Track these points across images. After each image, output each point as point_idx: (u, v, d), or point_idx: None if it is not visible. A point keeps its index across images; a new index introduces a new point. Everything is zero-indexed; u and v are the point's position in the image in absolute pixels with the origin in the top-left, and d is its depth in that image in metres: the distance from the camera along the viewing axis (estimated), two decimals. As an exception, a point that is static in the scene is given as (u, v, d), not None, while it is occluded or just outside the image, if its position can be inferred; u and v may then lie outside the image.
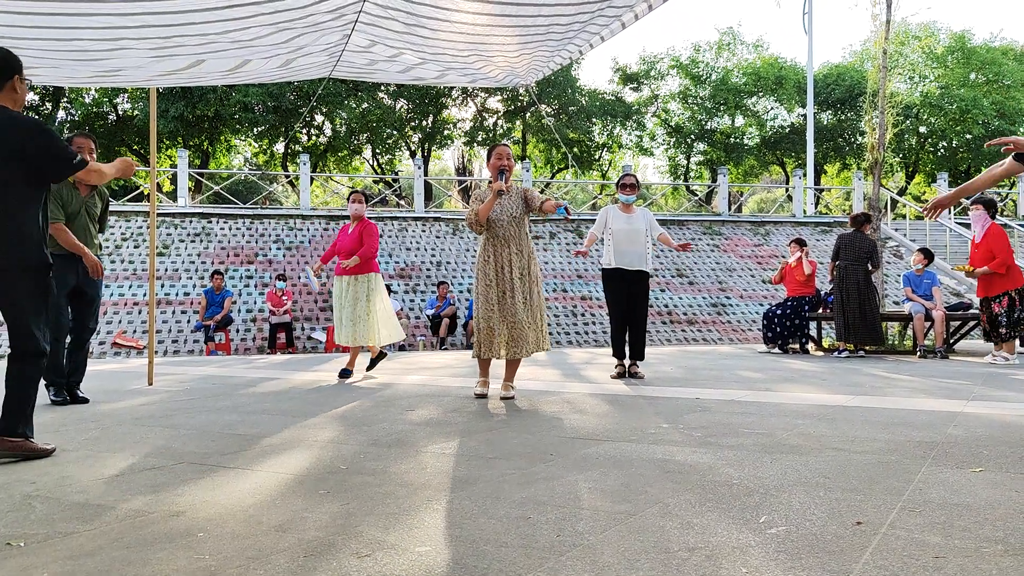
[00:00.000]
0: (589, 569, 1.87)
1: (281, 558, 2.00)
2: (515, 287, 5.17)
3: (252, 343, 14.94)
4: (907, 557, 1.91)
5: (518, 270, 5.21)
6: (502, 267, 5.19)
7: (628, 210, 6.81)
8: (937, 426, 3.88)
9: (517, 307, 5.15)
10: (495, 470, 2.99)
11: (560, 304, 17.64)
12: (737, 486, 2.67)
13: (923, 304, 9.45)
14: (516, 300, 5.16)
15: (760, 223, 22.73)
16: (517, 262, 5.22)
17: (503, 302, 5.18)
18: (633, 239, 6.67)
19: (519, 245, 5.25)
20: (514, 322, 5.15)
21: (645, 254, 6.70)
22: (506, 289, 5.18)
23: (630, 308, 6.73)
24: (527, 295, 5.22)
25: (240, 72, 6.11)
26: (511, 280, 5.18)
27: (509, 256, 5.21)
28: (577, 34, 5.56)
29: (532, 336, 5.22)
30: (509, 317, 5.16)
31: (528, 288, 5.23)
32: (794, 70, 31.98)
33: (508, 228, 5.23)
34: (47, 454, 3.48)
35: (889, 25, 11.94)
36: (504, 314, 5.17)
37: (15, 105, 3.55)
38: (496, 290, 5.18)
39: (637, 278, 6.70)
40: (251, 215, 19.12)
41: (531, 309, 5.22)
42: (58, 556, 2.05)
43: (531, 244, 5.36)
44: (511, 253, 5.21)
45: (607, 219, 6.80)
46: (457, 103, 30.68)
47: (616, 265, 6.69)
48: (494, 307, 5.17)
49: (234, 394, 5.82)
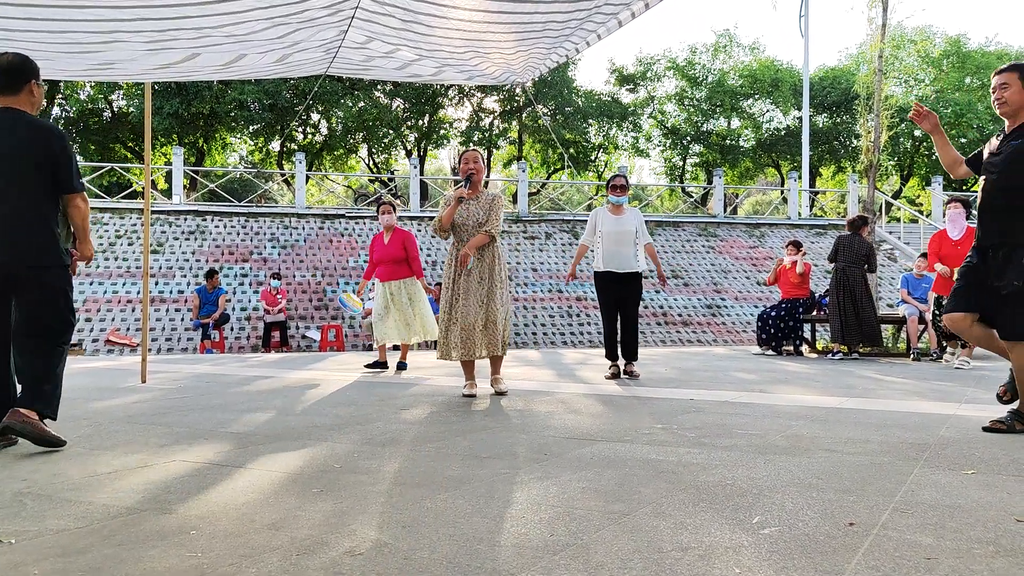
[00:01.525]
0: (582, 568, 1.87)
1: (273, 556, 1.99)
2: (470, 290, 5.22)
3: (246, 341, 14.91)
4: (899, 558, 1.92)
5: (477, 273, 5.26)
6: (461, 270, 5.27)
7: (618, 211, 6.78)
8: (930, 428, 3.89)
9: (469, 311, 5.20)
10: (489, 469, 2.98)
11: (555, 304, 17.64)
12: (730, 487, 2.67)
13: (917, 307, 9.48)
14: (470, 303, 5.21)
15: (755, 225, 22.77)
16: (476, 266, 5.27)
17: (455, 305, 5.25)
18: (622, 240, 6.64)
19: (481, 250, 5.29)
20: (464, 325, 5.20)
21: (635, 255, 6.67)
22: (461, 292, 5.23)
23: (622, 309, 6.73)
24: (483, 299, 5.24)
25: (235, 67, 6.09)
26: (467, 283, 5.24)
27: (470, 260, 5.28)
28: (574, 31, 5.56)
29: (484, 339, 5.24)
30: (460, 319, 5.21)
31: (488, 291, 5.25)
32: (790, 72, 32.06)
33: (472, 233, 5.29)
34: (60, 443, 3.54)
35: (885, 28, 11.97)
36: (461, 316, 5.21)
37: (32, 108, 3.65)
38: (453, 292, 5.28)
39: (628, 279, 6.68)
40: (246, 213, 19.08)
41: (485, 313, 5.24)
42: (49, 553, 2.04)
43: (497, 248, 5.37)
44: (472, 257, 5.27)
45: (596, 222, 6.79)
46: (453, 103, 30.67)
47: (606, 268, 6.67)
48: (456, 309, 5.25)
49: (227, 392, 5.81)
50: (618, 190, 6.79)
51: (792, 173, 24.90)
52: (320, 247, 18.30)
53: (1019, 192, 3.75)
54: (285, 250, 17.96)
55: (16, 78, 3.58)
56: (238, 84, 24.50)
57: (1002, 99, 3.84)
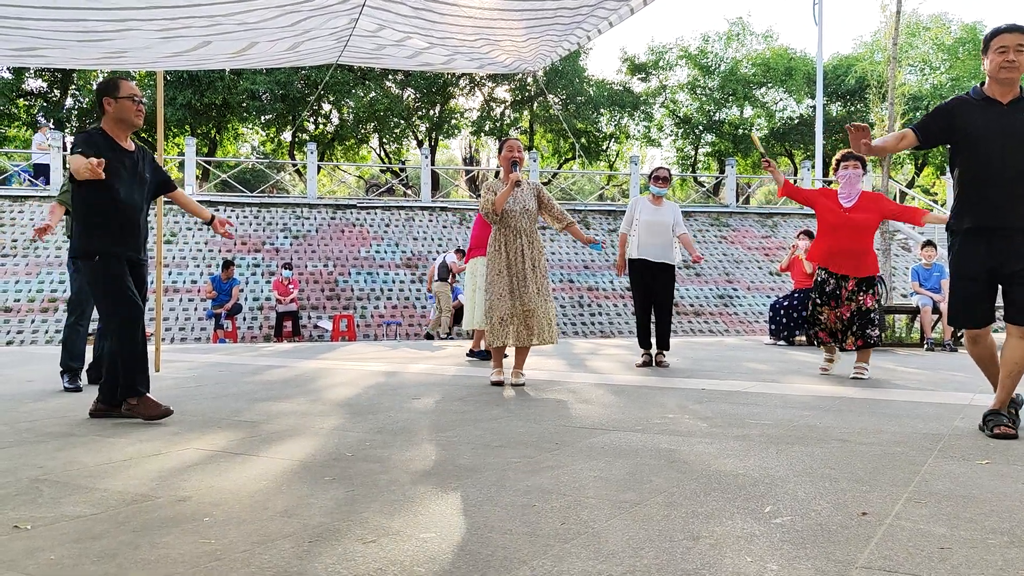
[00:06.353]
0: (594, 556, 1.87)
1: (286, 543, 2.00)
2: (527, 277, 5.28)
3: (259, 331, 14.98)
4: (912, 548, 1.91)
5: (530, 261, 5.33)
6: (515, 257, 5.30)
7: (658, 202, 6.90)
8: (944, 418, 3.86)
9: (531, 296, 5.26)
10: (500, 458, 2.99)
11: (567, 295, 17.62)
12: (742, 476, 2.66)
13: (931, 297, 9.41)
14: (529, 289, 5.27)
15: (768, 215, 22.63)
16: (529, 253, 5.34)
17: (515, 291, 5.27)
18: (658, 231, 6.75)
19: (531, 237, 5.39)
20: (530, 311, 5.26)
21: (670, 247, 6.77)
22: (518, 279, 5.28)
23: (654, 298, 6.81)
24: (540, 285, 5.34)
25: (246, 55, 6.08)
26: (523, 270, 5.29)
27: (521, 247, 5.32)
28: (585, 19, 5.52)
29: (546, 325, 5.33)
30: (524, 306, 5.26)
31: (540, 279, 5.35)
32: (804, 61, 31.79)
33: (520, 220, 5.36)
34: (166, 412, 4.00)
35: (899, 16, 11.84)
36: (517, 303, 5.26)
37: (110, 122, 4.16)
38: (507, 279, 5.28)
39: (661, 269, 6.77)
40: (258, 203, 19.14)
41: (544, 300, 5.34)
42: (65, 539, 2.06)
43: (540, 238, 5.48)
44: (523, 244, 5.34)
45: (635, 211, 6.91)
46: (464, 92, 30.59)
47: (640, 256, 6.79)
48: (505, 296, 5.26)
49: (240, 381, 5.84)
50: (660, 181, 6.91)
51: (805, 162, 24.73)
52: (332, 237, 18.34)
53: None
54: (297, 240, 18.01)
55: (97, 100, 4.21)
56: (250, 74, 24.52)
57: (1015, 64, 3.31)
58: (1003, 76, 3.35)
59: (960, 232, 3.50)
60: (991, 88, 3.45)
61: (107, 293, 4.06)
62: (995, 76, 3.39)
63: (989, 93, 3.45)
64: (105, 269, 4.05)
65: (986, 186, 3.39)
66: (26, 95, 26.80)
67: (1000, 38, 3.36)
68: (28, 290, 14.99)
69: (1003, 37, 3.35)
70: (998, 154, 3.35)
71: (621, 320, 16.99)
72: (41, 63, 5.64)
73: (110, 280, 4.06)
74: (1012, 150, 3.34)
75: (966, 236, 3.46)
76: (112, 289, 4.06)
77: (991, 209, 3.37)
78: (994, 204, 3.37)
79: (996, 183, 3.37)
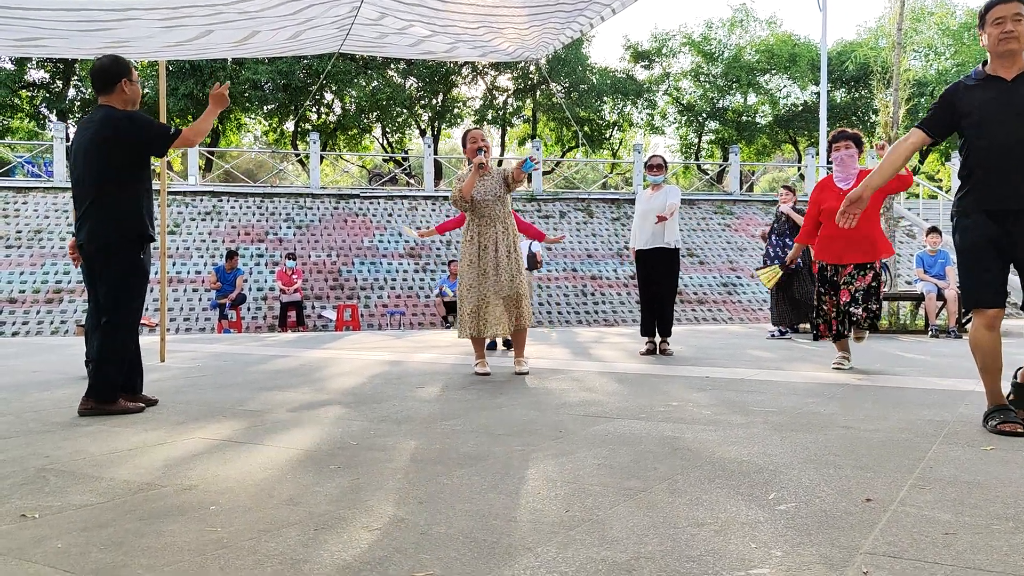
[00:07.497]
0: (598, 543, 1.87)
1: (292, 531, 2.01)
2: (500, 265, 5.26)
3: (263, 321, 15.01)
4: (917, 534, 1.91)
5: (504, 247, 5.31)
6: (486, 246, 5.29)
7: (655, 190, 6.92)
8: (948, 405, 3.86)
9: (503, 284, 5.24)
10: (504, 446, 2.99)
11: (570, 283, 17.61)
12: (746, 463, 2.66)
13: (935, 284, 9.38)
14: (502, 278, 5.25)
15: (772, 203, 22.55)
16: (503, 240, 5.32)
17: (487, 281, 5.25)
18: (648, 218, 6.78)
19: (504, 223, 5.37)
20: (508, 297, 5.25)
21: (661, 231, 6.76)
22: (490, 268, 5.26)
23: (654, 286, 6.83)
24: (513, 273, 5.30)
25: (248, 44, 6.06)
26: (496, 258, 5.27)
27: (495, 235, 5.31)
28: (588, 6, 5.49)
29: (516, 312, 5.31)
30: (498, 294, 5.24)
31: (514, 265, 5.31)
32: (808, 47, 31.57)
33: (493, 207, 5.34)
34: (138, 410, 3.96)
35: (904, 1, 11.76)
36: (492, 292, 5.24)
37: (124, 104, 4.02)
38: (479, 269, 5.27)
39: (658, 256, 6.78)
40: (261, 194, 19.13)
41: (516, 287, 5.29)
42: (72, 528, 2.07)
43: (514, 223, 5.48)
44: (497, 232, 5.32)
45: (637, 204, 7.01)
46: (467, 81, 30.50)
47: (637, 246, 6.90)
48: (475, 288, 5.26)
49: (245, 371, 5.85)
50: (654, 169, 6.95)
51: (810, 149, 24.62)
52: (335, 227, 18.34)
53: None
54: (300, 230, 18.01)
55: (107, 79, 3.98)
56: (252, 64, 24.47)
57: (1013, 33, 3.15)
58: (1003, 48, 3.20)
59: (968, 214, 3.36)
60: (993, 65, 3.32)
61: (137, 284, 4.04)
62: (995, 50, 3.25)
63: (991, 71, 3.32)
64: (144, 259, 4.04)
65: (994, 166, 3.25)
66: (28, 86, 26.79)
67: (996, 10, 3.22)
68: (33, 281, 15.03)
69: (998, 8, 3.21)
70: (1004, 132, 3.22)
71: (625, 308, 16.99)
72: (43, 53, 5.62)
73: (144, 273, 4.06)
74: (1018, 128, 3.21)
75: (975, 217, 3.33)
76: (144, 281, 4.07)
77: (999, 191, 3.25)
78: (1003, 185, 3.24)
79: (1004, 163, 3.24)
